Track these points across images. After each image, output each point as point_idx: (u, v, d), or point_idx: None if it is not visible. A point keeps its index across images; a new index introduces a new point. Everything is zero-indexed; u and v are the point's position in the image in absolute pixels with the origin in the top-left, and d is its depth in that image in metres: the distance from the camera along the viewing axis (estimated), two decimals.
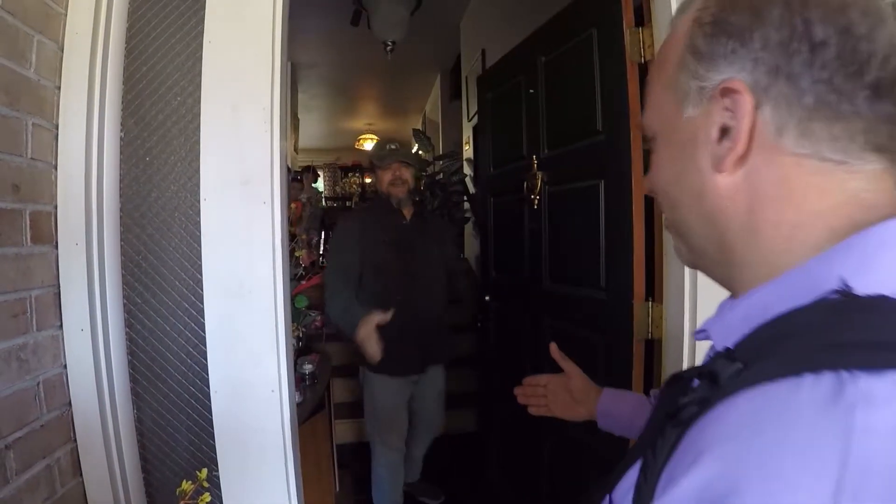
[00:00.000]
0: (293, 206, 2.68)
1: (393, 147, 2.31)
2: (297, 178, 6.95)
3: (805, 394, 0.29)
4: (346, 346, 4.30)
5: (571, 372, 0.98)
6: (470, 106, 5.07)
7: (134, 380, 1.31)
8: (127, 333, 1.28)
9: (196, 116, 1.16)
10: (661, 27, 1.47)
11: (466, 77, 5.19)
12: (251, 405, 1.18)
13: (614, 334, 1.72)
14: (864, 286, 0.32)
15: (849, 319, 0.32)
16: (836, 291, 0.33)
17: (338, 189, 11.07)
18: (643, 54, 1.60)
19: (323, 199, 10.08)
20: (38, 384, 1.13)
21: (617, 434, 0.90)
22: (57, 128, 1.19)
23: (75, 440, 1.25)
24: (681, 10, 0.46)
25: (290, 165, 6.24)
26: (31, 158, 1.12)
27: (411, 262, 2.27)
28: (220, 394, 1.18)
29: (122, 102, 1.25)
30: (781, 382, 0.30)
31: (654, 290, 1.60)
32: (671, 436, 0.36)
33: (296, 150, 7.47)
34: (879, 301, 0.31)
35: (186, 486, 1.11)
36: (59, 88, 1.20)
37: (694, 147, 0.42)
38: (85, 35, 1.21)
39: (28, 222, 1.11)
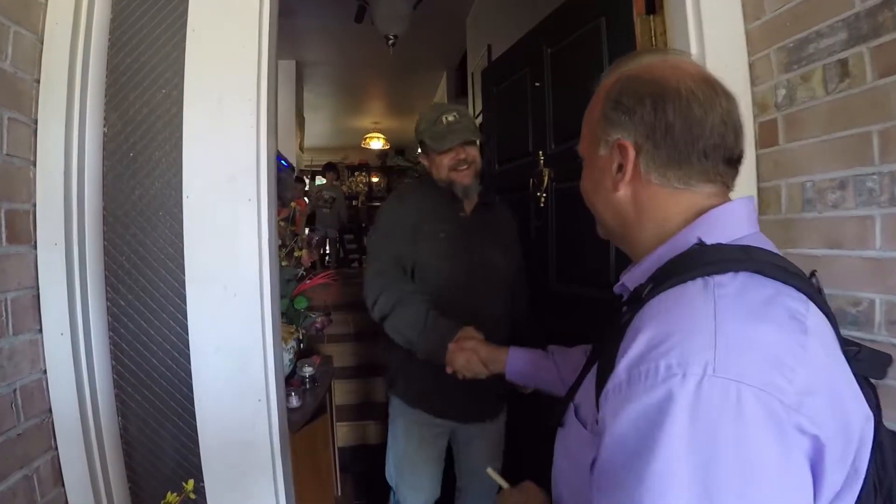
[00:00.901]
0: (294, 205, 2.62)
1: (451, 119, 1.61)
2: (300, 178, 6.91)
3: (691, 287, 0.54)
4: (358, 347, 4.15)
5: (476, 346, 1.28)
6: (477, 103, 4.99)
7: (118, 385, 1.25)
8: (111, 337, 1.23)
9: (182, 110, 1.10)
10: (673, 15, 1.39)
11: (472, 73, 5.12)
12: (237, 415, 1.12)
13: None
14: (710, 240, 0.59)
15: (705, 253, 0.57)
16: (696, 244, 0.59)
17: (344, 188, 11.03)
18: (655, 43, 1.52)
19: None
20: (14, 391, 1.08)
21: (522, 383, 1.24)
22: (36, 123, 1.13)
23: (56, 448, 1.20)
24: (604, 76, 0.69)
25: (293, 164, 6.20)
26: (7, 155, 1.06)
27: (470, 270, 1.64)
28: (203, 402, 1.12)
29: (105, 96, 1.20)
30: (679, 287, 0.55)
31: None
32: (617, 337, 0.56)
33: (301, 149, 7.43)
34: (718, 245, 0.58)
35: (171, 497, 1.05)
36: (37, 82, 1.14)
37: (603, 173, 0.67)
38: (65, 25, 1.15)
39: (3, 221, 1.05)
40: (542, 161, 2.02)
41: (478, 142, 1.71)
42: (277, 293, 1.14)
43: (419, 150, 1.75)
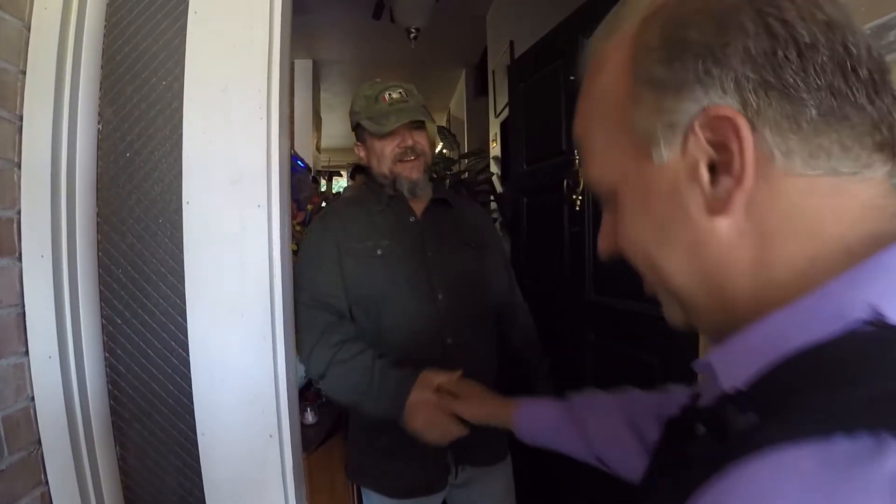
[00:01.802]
0: (310, 207, 2.48)
1: (395, 96, 1.27)
2: (315, 179, 6.82)
3: (837, 462, 0.24)
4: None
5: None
6: (497, 101, 4.84)
7: (115, 412, 1.12)
8: (106, 359, 1.10)
9: (183, 103, 0.96)
10: None
11: (493, 71, 4.97)
12: (245, 451, 0.98)
13: (674, 356, 1.47)
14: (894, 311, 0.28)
15: (889, 362, 0.26)
16: (867, 322, 0.28)
17: None
18: None
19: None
20: None
21: (534, 444, 0.86)
22: (21, 119, 1.00)
23: (47, 483, 1.07)
24: (603, 34, 0.40)
25: (310, 165, 6.11)
26: None
27: (427, 291, 1.28)
28: (208, 437, 0.98)
29: (100, 89, 1.07)
30: (805, 447, 0.25)
31: None
32: (679, 488, 0.31)
33: (318, 149, 7.35)
34: None
35: None
36: (23, 73, 1.01)
37: (677, 195, 0.36)
38: (54, 10, 1.02)
39: None
40: (577, 161, 1.87)
41: (427, 129, 1.34)
42: (291, 313, 1.00)
43: (355, 139, 1.40)
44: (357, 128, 1.35)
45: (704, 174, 0.34)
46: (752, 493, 0.26)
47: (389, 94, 1.28)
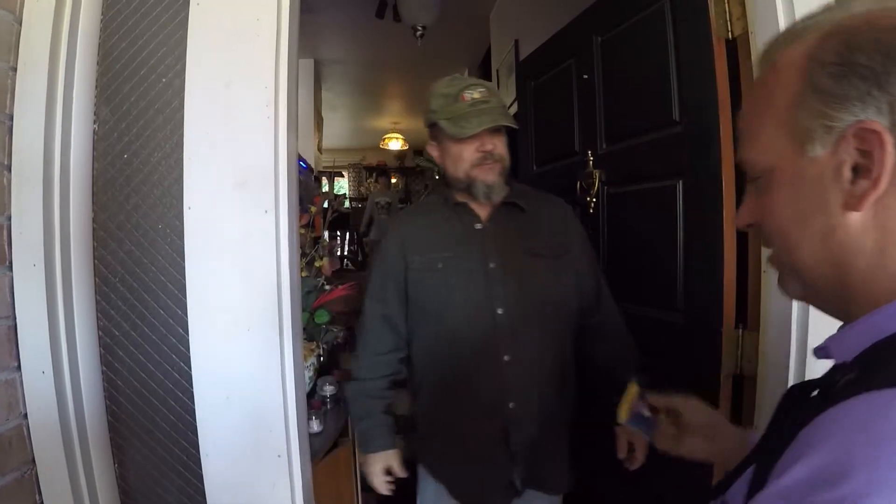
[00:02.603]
0: (313, 208, 2.42)
1: (476, 96, 1.19)
2: (317, 179, 6.79)
3: None
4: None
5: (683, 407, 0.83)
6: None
7: (113, 429, 1.06)
8: (104, 373, 1.03)
9: (184, 101, 0.90)
10: None
11: (497, 70, 4.91)
12: (252, 472, 0.92)
13: (695, 367, 1.41)
14: None
15: None
16: None
17: (362, 190, 10.87)
18: (731, 29, 1.30)
19: (348, 201, 9.91)
20: None
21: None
22: (11, 119, 0.95)
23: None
24: (781, 42, 0.47)
25: (311, 165, 6.05)
26: None
27: (487, 305, 1.22)
28: (211, 457, 0.92)
29: (96, 87, 1.01)
30: (888, 391, 0.34)
31: (745, 314, 1.29)
32: (787, 436, 0.39)
33: (320, 149, 7.29)
34: None
35: None
36: (14, 70, 0.96)
37: (821, 186, 0.43)
38: (48, 3, 0.97)
39: None
40: (591, 162, 1.80)
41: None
42: (300, 326, 0.94)
43: (429, 139, 1.33)
44: (433, 126, 1.27)
45: (847, 174, 0.41)
46: (847, 418, 0.35)
47: (470, 94, 1.20)
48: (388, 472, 1.33)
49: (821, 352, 0.48)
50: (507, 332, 1.21)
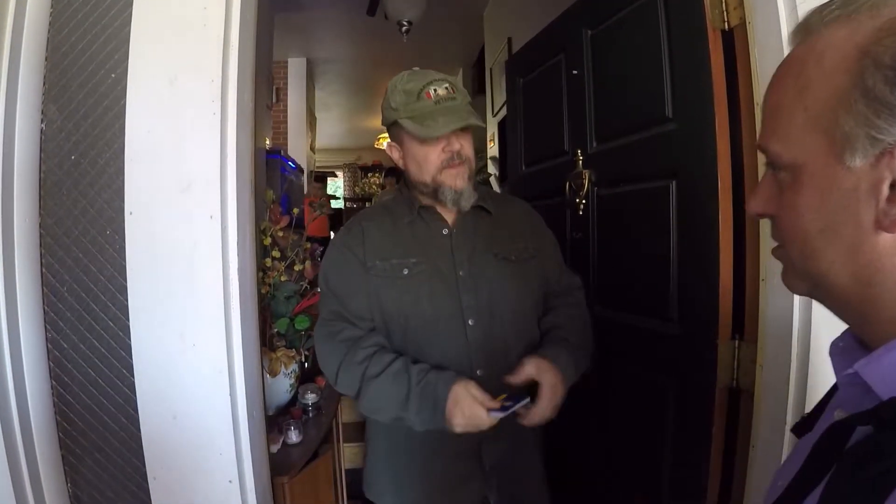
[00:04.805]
0: (295, 210, 2.35)
1: (442, 92, 1.09)
2: (318, 179, 6.74)
3: None
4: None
5: None
6: (495, 100, 4.73)
7: (65, 446, 1.00)
8: (53, 388, 0.97)
9: (126, 97, 0.83)
10: None
11: (491, 69, 4.87)
12: (202, 498, 0.85)
13: (689, 379, 1.35)
14: None
15: None
16: None
17: (357, 189, 10.81)
18: (727, 19, 1.24)
19: (342, 201, 9.86)
20: None
21: None
22: None
23: None
24: (827, 17, 0.40)
25: (302, 166, 5.98)
26: None
27: (457, 316, 1.14)
28: (159, 481, 0.85)
29: (44, 84, 0.94)
30: None
31: (742, 325, 1.23)
32: (862, 492, 0.35)
33: (313, 149, 7.23)
34: None
35: None
36: None
37: (854, 200, 0.39)
38: None
39: None
40: (581, 162, 1.74)
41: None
42: (253, 342, 0.87)
43: (389, 138, 1.21)
44: (393, 126, 1.15)
45: (885, 191, 0.37)
46: None
47: (435, 90, 1.09)
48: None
49: (846, 377, 0.43)
50: (480, 346, 1.13)
